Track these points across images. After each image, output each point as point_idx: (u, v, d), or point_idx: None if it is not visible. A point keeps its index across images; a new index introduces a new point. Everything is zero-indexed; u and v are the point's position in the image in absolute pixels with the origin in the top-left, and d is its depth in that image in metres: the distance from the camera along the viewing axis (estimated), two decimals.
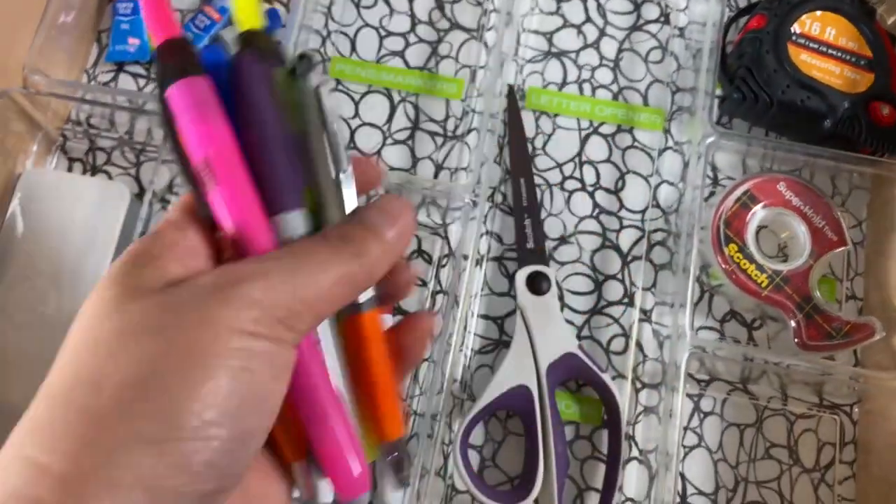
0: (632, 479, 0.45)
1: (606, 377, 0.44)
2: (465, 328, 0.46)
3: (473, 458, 0.45)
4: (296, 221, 0.25)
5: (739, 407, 0.46)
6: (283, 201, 0.25)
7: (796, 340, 0.44)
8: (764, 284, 0.45)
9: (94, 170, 0.49)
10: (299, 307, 0.22)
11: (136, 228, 0.47)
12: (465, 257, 0.44)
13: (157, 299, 0.23)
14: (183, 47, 0.24)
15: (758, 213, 0.46)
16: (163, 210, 0.46)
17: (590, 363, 0.44)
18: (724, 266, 0.45)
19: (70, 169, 0.49)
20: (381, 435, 0.28)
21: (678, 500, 0.44)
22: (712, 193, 0.49)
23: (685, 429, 0.46)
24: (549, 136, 0.50)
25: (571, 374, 0.45)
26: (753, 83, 0.47)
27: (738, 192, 0.46)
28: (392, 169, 0.49)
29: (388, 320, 0.28)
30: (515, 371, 0.44)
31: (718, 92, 0.50)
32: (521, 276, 0.46)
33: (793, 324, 0.44)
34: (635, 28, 0.53)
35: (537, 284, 0.45)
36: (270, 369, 0.22)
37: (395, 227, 0.25)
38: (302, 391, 0.25)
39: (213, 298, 0.22)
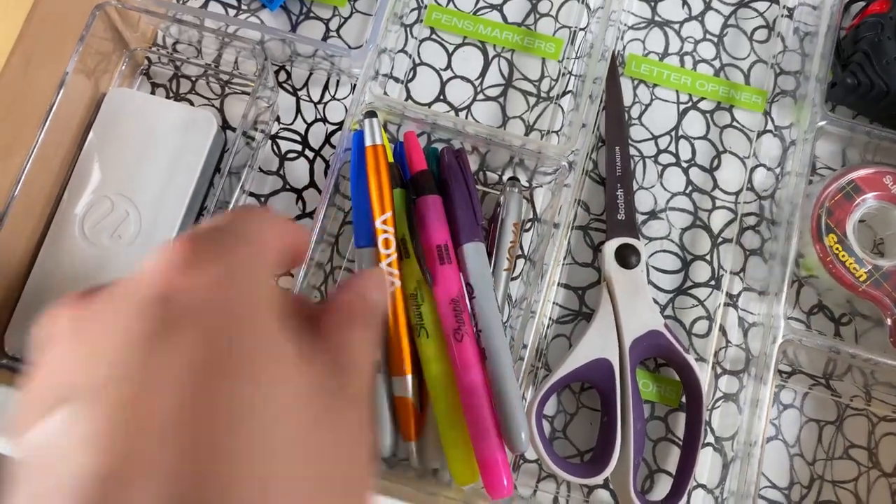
0: (705, 465, 0.43)
1: (691, 358, 0.42)
2: (545, 297, 0.45)
3: (544, 428, 0.44)
4: (477, 249, 0.41)
5: (821, 403, 0.45)
6: (469, 235, 0.41)
7: (891, 339, 0.43)
8: (862, 279, 0.43)
9: (178, 97, 0.47)
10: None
11: (219, 160, 0.46)
12: (556, 225, 0.42)
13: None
14: (429, 176, 0.41)
15: (861, 206, 0.44)
16: (247, 146, 0.45)
17: (675, 342, 0.42)
18: (821, 256, 0.44)
19: (153, 94, 0.47)
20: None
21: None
22: (809, 182, 0.47)
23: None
24: (647, 106, 0.48)
25: (654, 352, 0.43)
26: (870, 69, 0.45)
27: (841, 182, 0.45)
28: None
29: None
30: (598, 343, 0.42)
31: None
32: (611, 247, 0.44)
33: (889, 322, 0.43)
34: (742, 4, 0.50)
35: (626, 257, 0.44)
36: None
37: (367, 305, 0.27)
38: (474, 412, 0.37)
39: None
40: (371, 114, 0.41)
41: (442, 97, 0.48)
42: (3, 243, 0.39)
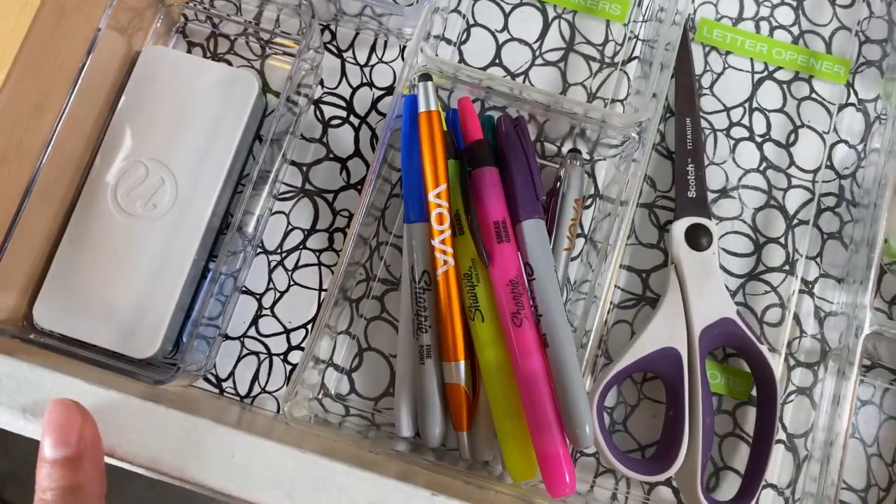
0: (776, 464, 0.40)
1: (765, 349, 0.39)
2: (609, 280, 0.42)
3: (604, 420, 0.41)
4: (537, 226, 0.38)
5: None
6: (529, 211, 0.38)
7: None
8: None
9: (216, 57, 0.44)
10: None
11: (262, 124, 0.43)
12: (623, 203, 0.39)
13: None
14: (486, 146, 0.38)
15: None
16: (289, 112, 0.42)
17: (748, 332, 0.39)
18: None
19: (189, 53, 0.44)
20: None
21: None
22: None
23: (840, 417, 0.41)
24: (719, 75, 0.45)
25: (725, 342, 0.40)
26: None
27: None
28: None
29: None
30: (665, 332, 0.39)
31: None
32: (680, 227, 0.41)
33: None
34: None
35: (697, 239, 0.40)
36: None
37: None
38: (534, 403, 0.34)
39: None
40: (426, 76, 0.38)
41: (497, 61, 0.45)
42: (31, 210, 0.36)
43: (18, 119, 0.36)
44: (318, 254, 0.42)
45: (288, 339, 0.41)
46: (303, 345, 0.41)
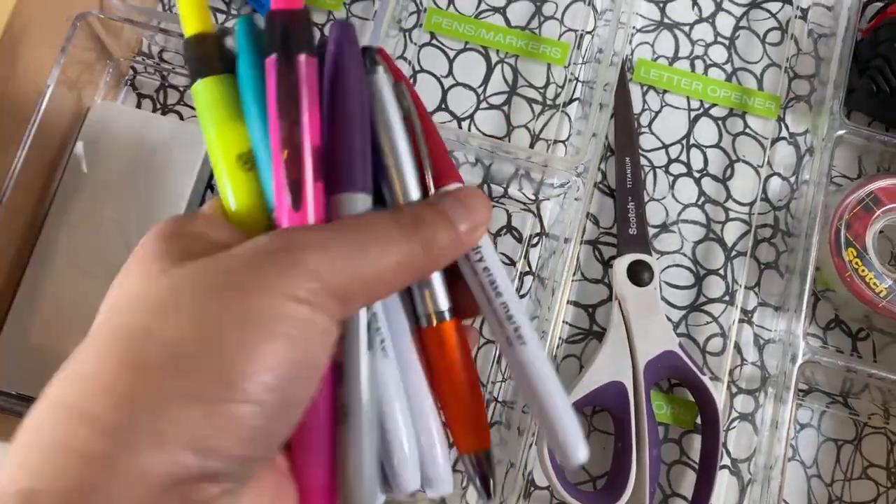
0: (721, 488, 0.42)
1: (706, 380, 0.41)
2: (556, 316, 0.43)
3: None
4: (360, 204, 0.24)
5: (838, 421, 0.43)
6: (350, 180, 0.24)
7: None
8: (882, 294, 0.42)
9: (165, 109, 0.45)
10: (356, 286, 0.22)
11: (211, 177, 0.44)
12: (566, 240, 0.40)
13: (213, 260, 0.22)
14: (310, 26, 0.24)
15: (881, 218, 0.43)
16: None
17: (690, 364, 0.41)
18: (839, 271, 0.42)
19: (139, 106, 0.45)
20: (465, 446, 0.27)
21: None
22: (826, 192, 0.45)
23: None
24: (657, 113, 0.46)
25: (669, 374, 0.42)
26: (890, 75, 0.43)
27: (860, 193, 0.43)
28: (485, 136, 0.45)
29: None
30: (611, 366, 0.41)
31: None
32: (622, 264, 0.42)
33: None
34: (754, 5, 0.48)
35: (639, 275, 0.42)
36: (321, 341, 0.22)
37: (469, 220, 0.24)
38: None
39: (271, 264, 0.22)
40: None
41: (444, 106, 0.46)
42: None
43: None
44: None
45: None
46: None
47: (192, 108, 0.45)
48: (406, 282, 0.25)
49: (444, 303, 0.27)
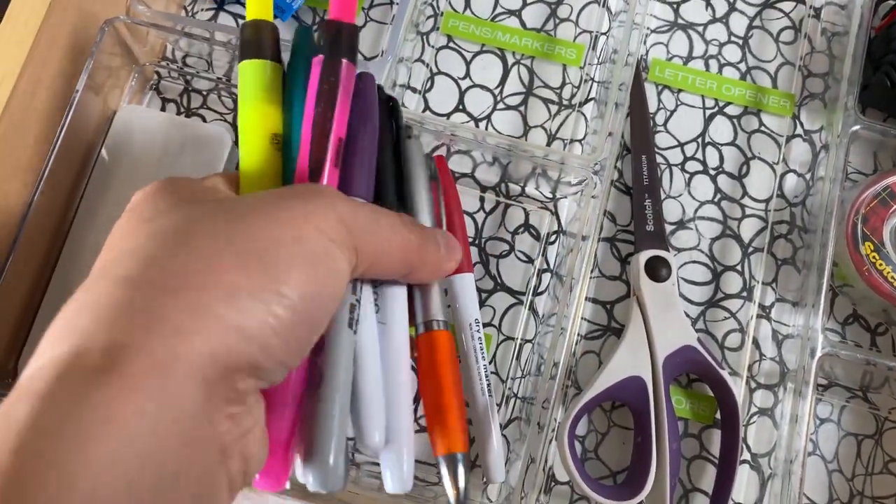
0: (741, 483, 0.42)
1: (725, 374, 0.41)
2: (575, 312, 0.43)
3: (576, 448, 0.42)
4: None
5: (858, 416, 0.43)
6: (356, 186, 0.29)
7: None
8: None
9: (189, 112, 0.46)
10: (369, 249, 0.25)
11: None
12: (584, 237, 0.41)
13: (232, 199, 0.24)
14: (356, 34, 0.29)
15: None
16: None
17: (709, 358, 0.41)
18: (857, 266, 0.42)
19: (163, 110, 0.46)
20: (439, 448, 0.32)
21: None
22: (842, 187, 0.46)
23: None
24: (672, 112, 0.47)
25: (687, 368, 0.42)
26: None
27: (877, 188, 0.43)
28: (501, 135, 0.46)
29: None
30: (630, 361, 0.41)
31: None
32: (640, 260, 0.43)
33: None
34: (768, 5, 0.49)
35: (657, 270, 0.42)
36: (338, 282, 0.24)
37: (450, 252, 0.30)
38: None
39: (299, 198, 0.24)
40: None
41: (461, 107, 0.47)
42: (15, 267, 0.38)
43: None
44: None
45: None
46: None
47: (215, 111, 0.46)
48: (397, 271, 0.28)
49: (439, 314, 0.32)
